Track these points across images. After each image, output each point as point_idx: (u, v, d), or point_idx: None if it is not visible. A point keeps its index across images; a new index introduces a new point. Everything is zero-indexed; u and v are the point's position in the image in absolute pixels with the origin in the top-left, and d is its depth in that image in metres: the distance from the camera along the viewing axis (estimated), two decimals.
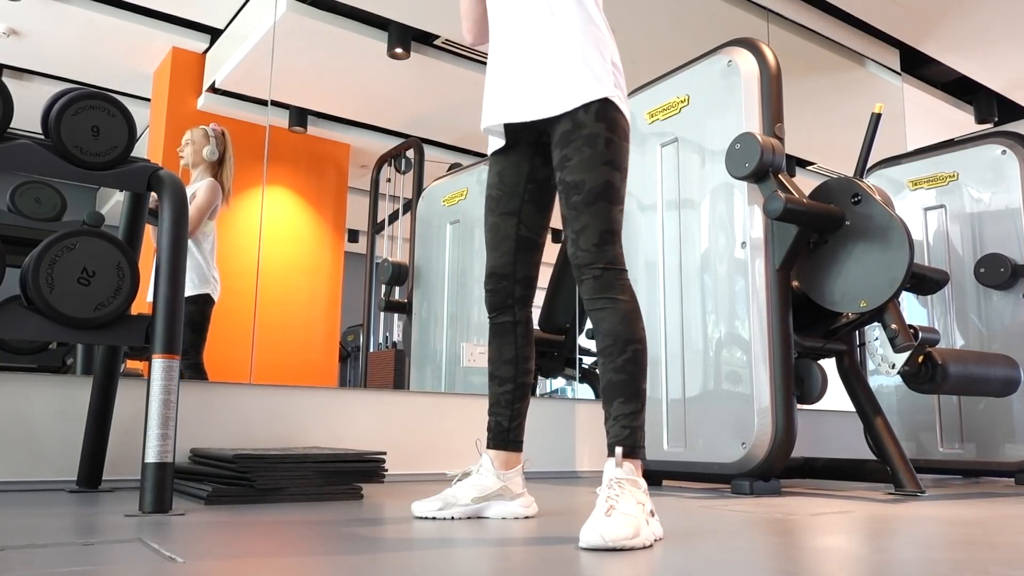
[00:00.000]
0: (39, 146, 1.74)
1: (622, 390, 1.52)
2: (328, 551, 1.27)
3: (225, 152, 2.94)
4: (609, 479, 1.41)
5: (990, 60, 4.99)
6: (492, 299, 1.80)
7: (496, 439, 1.77)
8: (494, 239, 1.80)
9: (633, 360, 1.53)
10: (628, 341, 1.54)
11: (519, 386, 1.79)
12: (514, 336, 1.80)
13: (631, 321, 1.55)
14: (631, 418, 1.51)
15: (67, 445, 2.22)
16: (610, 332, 1.55)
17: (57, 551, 1.19)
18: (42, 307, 1.67)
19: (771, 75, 2.64)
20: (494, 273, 1.80)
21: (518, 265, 1.78)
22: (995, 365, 2.80)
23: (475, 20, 1.88)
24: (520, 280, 1.78)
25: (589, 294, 1.58)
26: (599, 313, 1.56)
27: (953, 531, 1.64)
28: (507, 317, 1.80)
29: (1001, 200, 3.24)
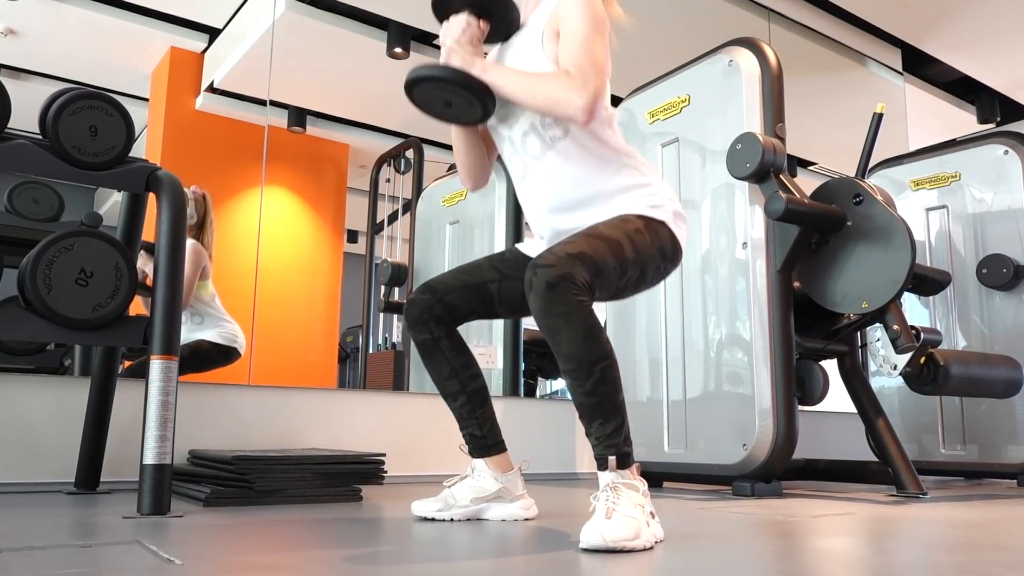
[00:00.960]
0: (37, 146, 1.74)
1: (598, 411, 1.42)
2: (327, 553, 1.26)
3: (206, 215, 2.86)
4: (605, 485, 1.39)
5: (992, 60, 4.98)
6: (410, 310, 1.72)
7: (476, 449, 1.74)
8: (466, 269, 1.74)
9: (603, 380, 1.41)
10: (593, 362, 1.40)
11: (471, 394, 1.72)
12: (439, 352, 1.71)
13: (591, 339, 1.40)
14: (613, 436, 1.41)
15: (65, 446, 2.21)
16: (572, 356, 1.40)
17: (55, 553, 1.19)
18: (40, 308, 1.67)
19: (772, 75, 2.63)
20: (430, 286, 1.72)
21: (456, 294, 1.70)
22: (997, 366, 2.79)
23: (472, 174, 1.79)
24: (446, 304, 1.70)
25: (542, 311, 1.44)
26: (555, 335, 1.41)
27: (955, 533, 1.63)
28: (425, 335, 1.70)
29: (1003, 200, 3.24)
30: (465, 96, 1.56)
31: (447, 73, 1.54)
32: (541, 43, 1.60)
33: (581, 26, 1.53)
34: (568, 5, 1.56)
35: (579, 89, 1.47)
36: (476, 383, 1.74)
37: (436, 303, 1.69)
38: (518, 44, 1.66)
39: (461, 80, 1.54)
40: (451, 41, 1.59)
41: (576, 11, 1.54)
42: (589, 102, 1.47)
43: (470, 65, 1.56)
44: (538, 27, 1.62)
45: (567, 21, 1.55)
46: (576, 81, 1.48)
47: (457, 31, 1.60)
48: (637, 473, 1.43)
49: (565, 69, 1.51)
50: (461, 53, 1.57)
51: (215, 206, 2.97)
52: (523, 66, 1.62)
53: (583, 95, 1.46)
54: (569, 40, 1.54)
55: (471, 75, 1.54)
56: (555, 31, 1.58)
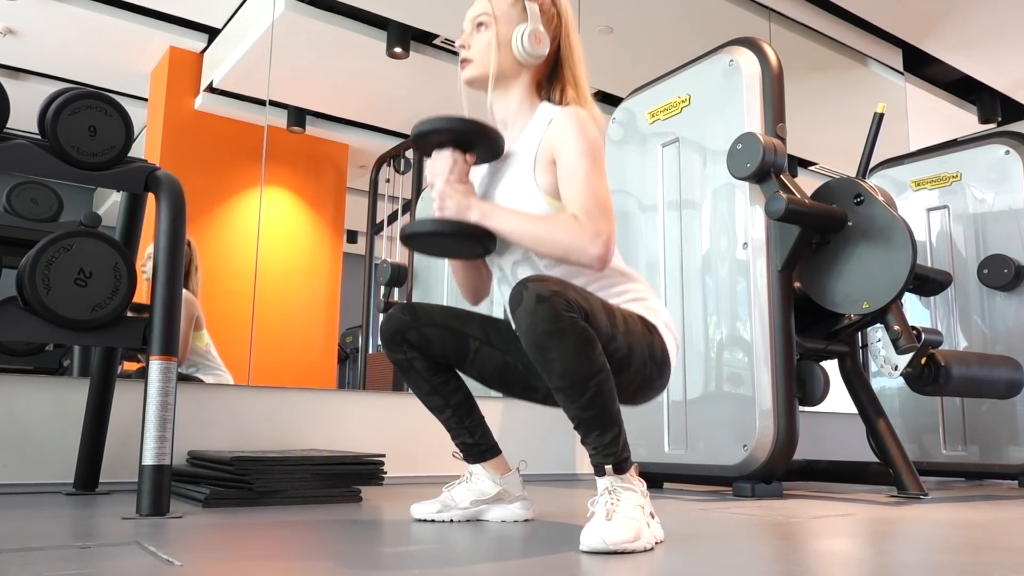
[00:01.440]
0: (36, 146, 1.73)
1: (595, 424, 1.37)
2: (327, 554, 1.26)
3: (191, 262, 2.82)
4: (604, 488, 1.37)
5: (993, 60, 4.97)
6: (385, 327, 1.66)
7: (471, 456, 1.72)
8: (456, 312, 1.68)
9: (599, 393, 1.35)
10: (588, 378, 1.34)
11: (456, 407, 1.69)
12: (415, 372, 1.67)
13: (586, 353, 1.34)
14: (612, 445, 1.37)
15: (64, 447, 2.21)
16: (565, 374, 1.34)
17: (54, 554, 1.18)
18: (39, 308, 1.66)
19: (773, 75, 2.62)
20: (413, 309, 1.66)
21: (436, 334, 1.64)
22: (998, 367, 2.79)
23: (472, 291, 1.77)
24: (422, 335, 1.64)
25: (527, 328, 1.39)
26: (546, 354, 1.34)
27: (956, 534, 1.63)
28: (398, 354, 1.66)
29: (1004, 200, 3.23)
30: (465, 243, 1.54)
31: (444, 227, 1.50)
32: (533, 172, 1.55)
33: (581, 163, 1.49)
34: (562, 135, 1.52)
35: (591, 238, 1.43)
36: (459, 396, 1.69)
37: (413, 328, 1.64)
38: (509, 173, 1.62)
39: (459, 232, 1.51)
40: (441, 183, 1.54)
41: (572, 144, 1.50)
42: (602, 251, 1.43)
43: (466, 209, 1.51)
44: (529, 154, 1.57)
45: (564, 155, 1.51)
46: (587, 229, 1.44)
47: (445, 170, 1.55)
48: (636, 474, 1.42)
49: (573, 214, 1.46)
50: (455, 197, 1.52)
51: (214, 206, 2.97)
52: (515, 195, 1.57)
53: (596, 244, 1.43)
54: (570, 179, 1.49)
55: (468, 224, 1.50)
56: (548, 159, 1.53)
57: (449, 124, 1.55)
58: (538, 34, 1.60)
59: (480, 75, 1.63)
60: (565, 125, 1.52)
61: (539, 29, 1.60)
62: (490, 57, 1.61)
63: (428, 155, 1.61)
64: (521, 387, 1.70)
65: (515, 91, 1.64)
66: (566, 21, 1.67)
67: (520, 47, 1.60)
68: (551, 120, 1.56)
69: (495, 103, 1.67)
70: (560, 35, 1.66)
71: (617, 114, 3.13)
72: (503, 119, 1.68)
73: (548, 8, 1.65)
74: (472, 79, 1.65)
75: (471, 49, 1.64)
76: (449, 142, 1.56)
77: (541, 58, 1.62)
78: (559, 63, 1.66)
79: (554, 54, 1.66)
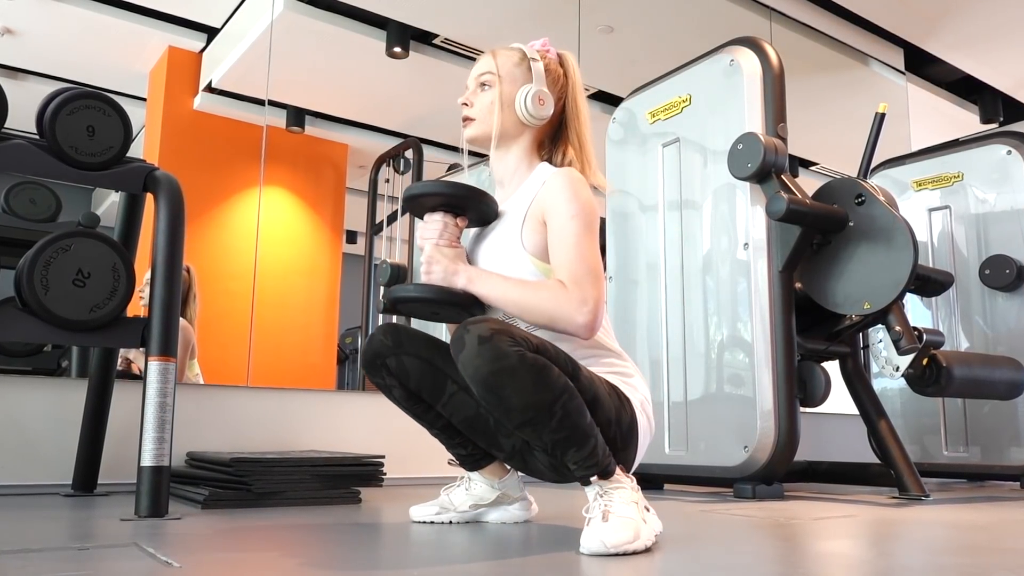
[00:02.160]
0: (34, 146, 1.73)
1: (570, 443, 1.32)
2: (326, 556, 1.26)
3: (190, 290, 2.81)
4: (595, 494, 1.35)
5: (995, 59, 4.96)
6: (366, 349, 1.61)
7: (468, 464, 1.71)
8: (443, 349, 1.60)
9: (566, 414, 1.30)
10: (552, 404, 1.29)
11: (444, 428, 1.65)
12: (394, 398, 1.63)
13: (543, 380, 1.28)
14: (591, 456, 1.33)
15: (62, 448, 2.20)
16: (527, 406, 1.29)
17: (52, 555, 1.18)
18: (37, 309, 1.66)
19: (774, 74, 2.62)
20: (396, 335, 1.60)
21: (416, 366, 1.59)
22: (1000, 368, 2.79)
23: None
24: (401, 364, 1.59)
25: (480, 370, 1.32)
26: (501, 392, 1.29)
27: (958, 535, 1.62)
28: (378, 379, 1.62)
29: (1006, 201, 3.22)
30: (451, 309, 1.54)
31: (429, 294, 1.51)
32: (520, 233, 1.53)
33: (571, 226, 1.46)
34: (554, 197, 1.50)
35: (578, 306, 1.41)
36: (442, 421, 1.64)
37: (392, 355, 1.59)
38: (497, 232, 1.60)
39: (445, 299, 1.51)
40: (430, 247, 1.54)
41: (564, 207, 1.48)
42: (589, 320, 1.41)
43: (453, 275, 1.50)
44: (519, 213, 1.56)
45: (554, 217, 1.49)
46: (574, 297, 1.41)
47: (434, 234, 1.55)
48: (623, 472, 1.39)
49: (560, 280, 1.44)
50: (443, 262, 1.51)
51: (213, 206, 2.96)
52: (502, 256, 1.56)
53: (582, 312, 1.41)
54: (560, 243, 1.47)
55: (454, 291, 1.50)
56: (538, 220, 1.52)
57: (440, 188, 1.58)
58: (542, 95, 1.59)
59: (482, 134, 1.63)
60: (558, 187, 1.50)
61: (543, 90, 1.60)
62: (493, 117, 1.60)
63: (420, 217, 1.61)
64: (487, 441, 1.64)
65: (515, 150, 1.64)
66: (573, 82, 1.66)
67: (523, 108, 1.59)
68: (544, 181, 1.55)
69: (495, 162, 1.67)
70: (566, 96, 1.66)
71: (617, 114, 3.13)
72: (501, 178, 1.67)
73: (554, 69, 1.65)
74: (474, 138, 1.64)
75: (474, 108, 1.63)
76: (440, 206, 1.57)
77: (544, 120, 1.61)
78: (564, 124, 1.66)
79: (559, 115, 1.66)
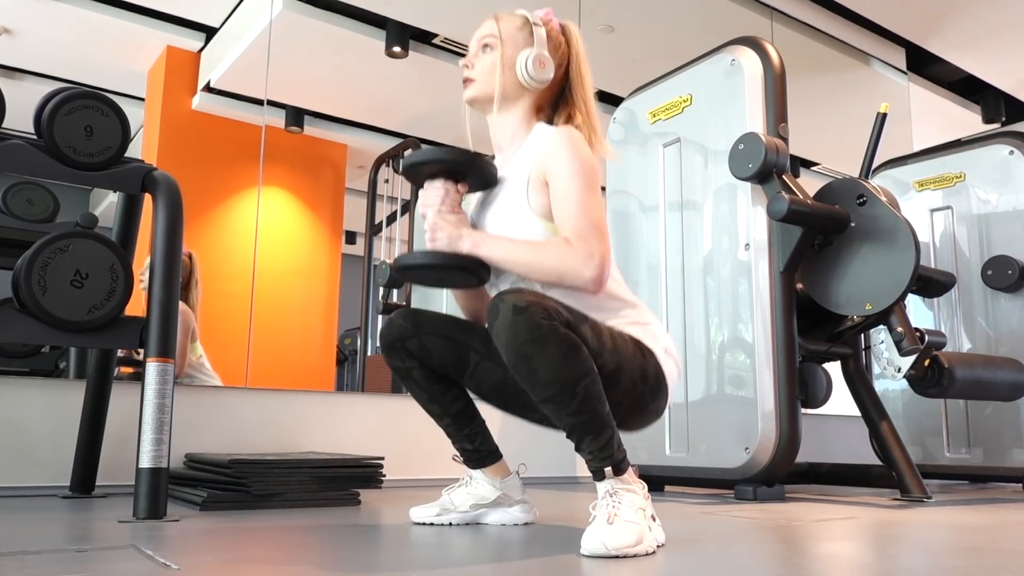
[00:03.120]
0: (31, 146, 1.73)
1: (588, 429, 1.36)
2: (325, 558, 1.25)
3: (191, 275, 2.80)
4: (604, 492, 1.36)
5: (998, 59, 4.96)
6: (387, 330, 1.65)
7: (471, 461, 1.71)
8: (459, 323, 1.66)
9: (588, 397, 1.34)
10: (576, 382, 1.33)
11: (455, 416, 1.67)
12: (413, 381, 1.66)
13: (571, 358, 1.33)
14: (606, 448, 1.36)
15: (60, 450, 2.20)
16: (552, 381, 1.33)
17: (50, 558, 1.18)
18: (34, 310, 1.66)
19: (775, 74, 2.61)
20: (415, 317, 1.64)
21: (438, 344, 1.63)
22: (1002, 369, 2.78)
23: (474, 315, 1.74)
24: (423, 345, 1.63)
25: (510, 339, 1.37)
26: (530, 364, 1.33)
27: (960, 537, 1.62)
28: (397, 362, 1.65)
29: (1009, 201, 3.21)
30: (458, 274, 1.53)
31: (435, 260, 1.51)
32: (526, 195, 1.54)
33: (573, 184, 1.48)
34: (555, 156, 1.51)
35: (584, 260, 1.42)
36: (458, 404, 1.68)
37: (413, 336, 1.63)
38: (502, 197, 1.61)
39: (451, 263, 1.50)
40: (432, 214, 1.54)
41: (565, 165, 1.49)
42: (596, 273, 1.43)
43: (457, 240, 1.51)
44: (521, 176, 1.56)
45: (556, 177, 1.50)
46: (580, 251, 1.43)
47: (436, 200, 1.55)
48: (636, 476, 1.40)
49: (565, 237, 1.45)
50: (446, 228, 1.52)
51: (212, 207, 2.96)
52: (508, 220, 1.57)
53: (590, 266, 1.42)
54: (563, 201, 1.48)
55: (460, 256, 1.50)
56: (541, 181, 1.53)
57: (440, 155, 1.57)
58: (543, 59, 1.60)
59: (482, 95, 1.63)
60: (558, 145, 1.52)
61: (544, 54, 1.61)
62: (494, 78, 1.61)
63: (420, 186, 1.61)
64: (519, 404, 1.67)
65: (514, 113, 1.65)
66: (576, 51, 1.67)
67: (524, 71, 1.60)
68: (544, 143, 1.55)
69: (494, 126, 1.67)
70: (568, 63, 1.66)
71: (618, 114, 3.12)
72: (500, 142, 1.68)
73: (556, 35, 1.65)
74: (474, 99, 1.65)
75: (475, 69, 1.64)
76: (440, 173, 1.57)
77: (545, 83, 1.62)
78: (567, 89, 1.66)
79: (559, 82, 1.66)
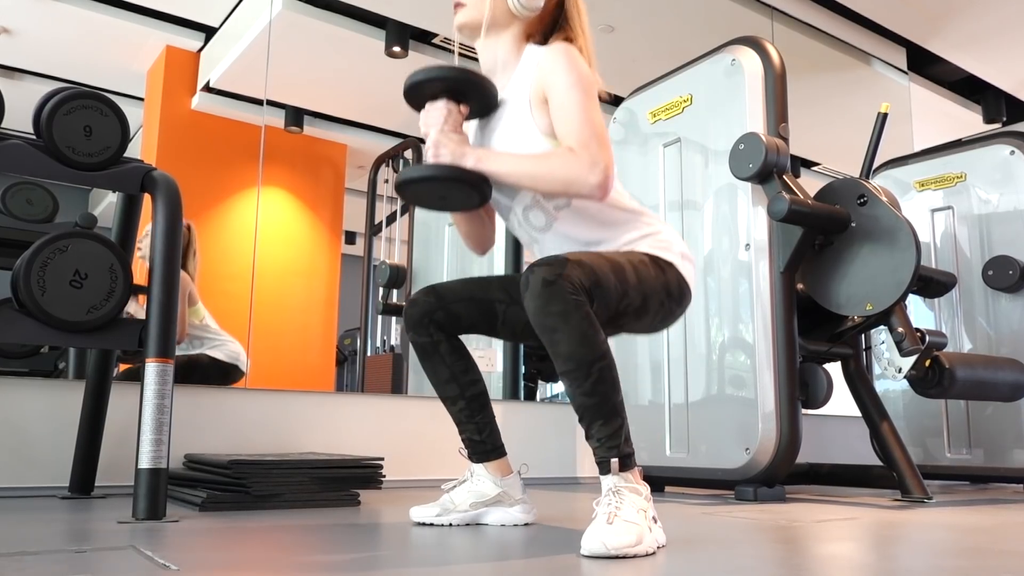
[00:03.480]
0: (30, 146, 1.72)
1: (598, 412, 1.39)
2: (325, 559, 1.25)
3: (189, 246, 2.81)
4: (608, 489, 1.38)
5: (999, 59, 4.95)
6: (410, 310, 1.69)
7: (476, 453, 1.72)
8: (476, 282, 1.71)
9: (601, 379, 1.38)
10: (592, 362, 1.38)
11: (470, 400, 1.70)
12: (438, 355, 1.68)
13: (590, 338, 1.38)
14: (614, 437, 1.39)
15: (59, 450, 2.20)
16: (570, 356, 1.37)
17: (49, 558, 1.17)
18: (33, 310, 1.65)
19: (776, 74, 2.61)
20: (435, 290, 1.69)
21: (464, 307, 1.68)
22: (1003, 369, 2.77)
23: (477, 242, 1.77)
24: (450, 313, 1.68)
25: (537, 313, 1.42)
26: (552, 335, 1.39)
27: (961, 538, 1.62)
28: (424, 337, 1.68)
29: (1009, 201, 3.21)
30: (461, 190, 1.52)
31: (440, 172, 1.49)
32: (530, 113, 1.55)
33: (573, 95, 1.48)
34: (553, 71, 1.51)
35: (589, 168, 1.44)
36: (475, 388, 1.71)
37: (439, 308, 1.67)
38: (506, 118, 1.61)
39: (455, 176, 1.49)
40: (435, 132, 1.54)
41: (563, 77, 1.50)
42: (601, 179, 1.44)
43: (460, 157, 1.51)
44: (523, 97, 1.57)
45: (555, 90, 1.50)
46: (584, 159, 1.44)
47: (439, 119, 1.55)
48: (640, 477, 1.42)
49: (568, 147, 1.46)
50: (450, 145, 1.52)
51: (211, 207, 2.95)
52: (515, 140, 1.57)
53: (594, 173, 1.44)
54: (564, 112, 1.49)
55: (465, 169, 1.50)
56: (542, 98, 1.53)
57: (443, 73, 1.55)
58: None
59: (471, 20, 1.63)
60: (553, 60, 1.52)
61: None
62: (484, 3, 1.61)
63: (421, 106, 1.60)
64: None
65: (504, 40, 1.64)
66: None
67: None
68: (539, 60, 1.56)
69: (483, 51, 1.67)
70: None
71: (618, 114, 3.12)
72: (490, 68, 1.67)
73: None
74: (463, 24, 1.64)
75: None
76: (443, 92, 1.56)
77: (535, 11, 1.61)
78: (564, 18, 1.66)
79: (551, 12, 1.65)
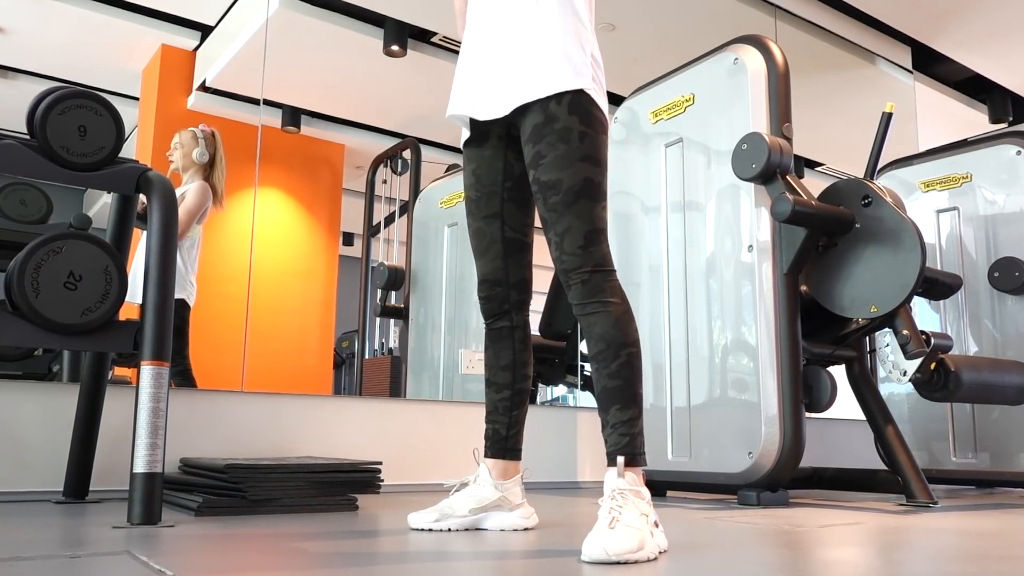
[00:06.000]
0: (24, 146, 1.72)
1: (618, 396, 1.50)
2: (322, 564, 1.24)
3: (216, 154, 2.90)
4: (611, 490, 1.39)
5: (1004, 58, 4.94)
6: (487, 306, 1.78)
7: (494, 447, 1.75)
8: (480, 245, 1.77)
9: (627, 365, 1.50)
10: (622, 345, 1.50)
11: (517, 392, 1.77)
12: (511, 341, 1.77)
13: (624, 324, 1.52)
14: (629, 425, 1.48)
15: (53, 454, 2.19)
16: (602, 337, 1.51)
17: (43, 564, 1.17)
18: (27, 312, 1.64)
19: (779, 73, 2.60)
20: (486, 280, 1.77)
21: (510, 270, 1.75)
22: (1009, 372, 2.76)
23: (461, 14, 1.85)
24: (514, 285, 1.76)
25: (578, 299, 1.54)
26: (590, 318, 1.53)
27: (966, 543, 1.61)
28: (504, 323, 1.77)
29: (1016, 202, 3.20)
30: None
31: None
32: None
33: None
34: None
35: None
36: (526, 383, 1.78)
37: (508, 290, 1.75)
38: None
39: None
40: None
41: None
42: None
43: None
44: None
45: None
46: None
47: None
48: (643, 482, 1.44)
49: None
50: None
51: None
52: None
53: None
54: None
55: None
56: None
57: None
58: None
59: None
60: None
61: None
62: None
63: None
64: None
65: None
66: None
67: None
68: None
69: None
70: None
71: (619, 114, 3.11)
72: None
73: None
74: None
75: None
76: None
77: None
78: None
79: None
